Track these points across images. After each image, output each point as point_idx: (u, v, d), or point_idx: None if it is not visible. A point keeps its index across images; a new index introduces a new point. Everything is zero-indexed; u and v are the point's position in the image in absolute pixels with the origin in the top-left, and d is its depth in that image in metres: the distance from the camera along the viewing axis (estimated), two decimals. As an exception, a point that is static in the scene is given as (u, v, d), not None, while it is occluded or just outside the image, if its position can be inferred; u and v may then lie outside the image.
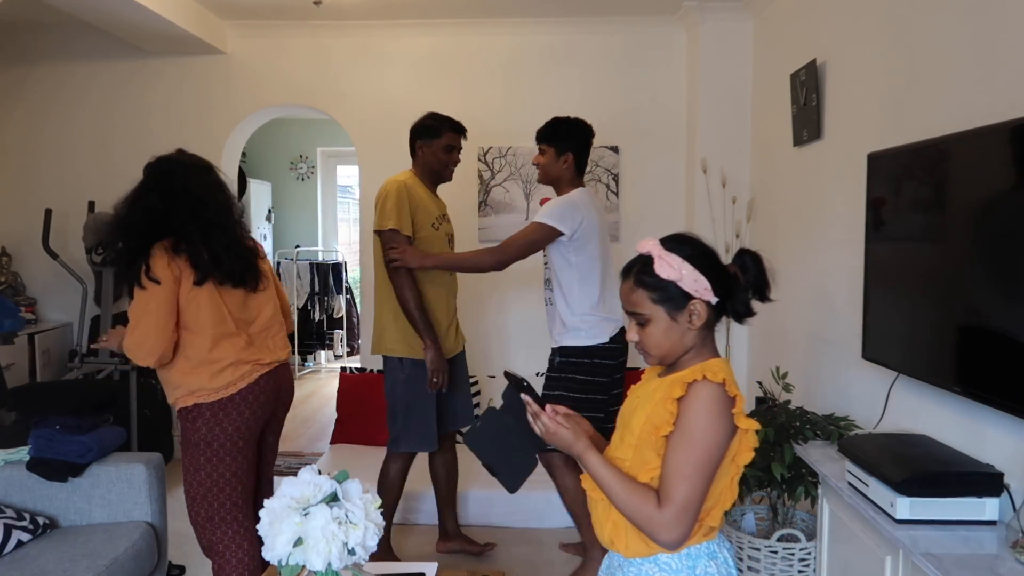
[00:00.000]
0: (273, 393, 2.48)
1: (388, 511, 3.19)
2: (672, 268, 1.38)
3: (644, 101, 4.51)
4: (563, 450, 1.44)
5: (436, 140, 3.07)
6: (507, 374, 1.55)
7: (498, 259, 2.97)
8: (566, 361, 2.98)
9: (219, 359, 2.35)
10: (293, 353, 3.29)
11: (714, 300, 1.41)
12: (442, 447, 3.22)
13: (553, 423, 1.43)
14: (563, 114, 3.05)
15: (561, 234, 2.88)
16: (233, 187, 2.68)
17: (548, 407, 1.47)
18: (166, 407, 4.63)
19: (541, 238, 2.92)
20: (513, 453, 1.56)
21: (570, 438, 1.43)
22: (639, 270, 1.43)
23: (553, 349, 3.06)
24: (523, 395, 1.47)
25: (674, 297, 1.40)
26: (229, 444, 2.37)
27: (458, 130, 3.11)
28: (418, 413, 3.03)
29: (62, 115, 4.67)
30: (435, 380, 2.95)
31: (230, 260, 2.38)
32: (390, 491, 3.14)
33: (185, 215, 2.34)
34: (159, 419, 4.50)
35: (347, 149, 7.45)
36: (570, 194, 2.99)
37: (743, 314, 1.46)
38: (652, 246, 1.42)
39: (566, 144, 3.00)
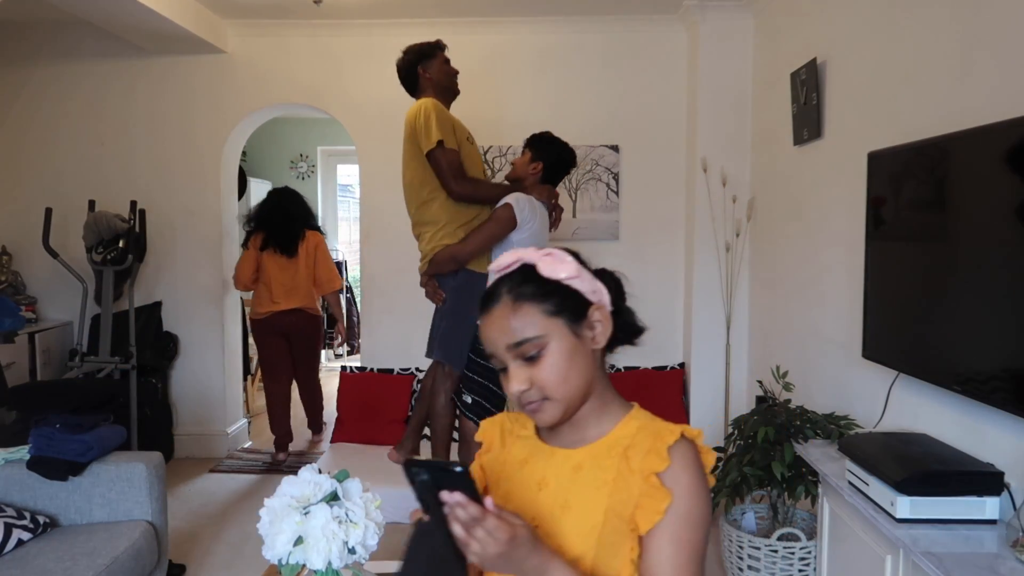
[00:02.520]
0: (284, 323, 4.62)
1: (445, 437, 3.21)
2: (566, 263, 1.07)
3: (644, 100, 4.51)
4: (513, 572, 0.94)
5: (435, 59, 3.18)
6: (410, 464, 0.95)
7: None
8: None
9: (257, 300, 4.66)
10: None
11: (610, 306, 1.09)
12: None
13: (505, 528, 0.90)
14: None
15: (515, 223, 3.04)
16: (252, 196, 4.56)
17: (489, 503, 0.93)
18: (166, 406, 4.64)
19: (507, 217, 3.05)
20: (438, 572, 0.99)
21: (527, 548, 0.93)
22: (515, 284, 1.06)
23: None
24: (443, 493, 0.92)
25: (572, 301, 1.06)
26: (260, 342, 4.76)
27: (443, 46, 3.26)
28: (461, 327, 3.08)
29: (62, 114, 4.67)
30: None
31: (282, 241, 4.59)
32: (445, 415, 3.19)
33: (267, 221, 4.66)
34: (159, 418, 4.50)
35: (347, 148, 7.43)
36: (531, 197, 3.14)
37: (634, 329, 1.14)
38: (524, 252, 1.10)
39: (541, 153, 3.22)
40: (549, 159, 3.24)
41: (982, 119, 1.91)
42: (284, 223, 4.63)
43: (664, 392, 4.27)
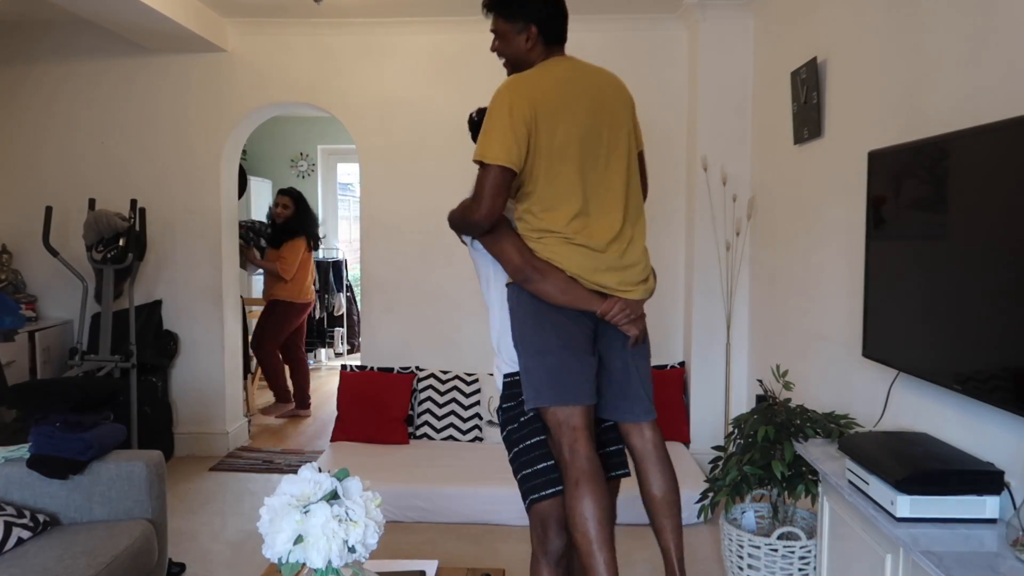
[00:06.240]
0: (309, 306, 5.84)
1: None
2: None
3: (644, 99, 4.46)
4: None
5: None
6: None
7: None
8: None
9: (303, 288, 5.67)
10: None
11: None
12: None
13: None
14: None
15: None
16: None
17: None
18: (166, 404, 4.64)
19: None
20: None
21: None
22: None
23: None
24: None
25: None
26: (291, 321, 5.69)
27: None
28: None
29: (63, 113, 4.67)
30: None
31: (317, 241, 5.79)
32: None
33: (313, 224, 5.75)
34: (159, 417, 4.50)
35: (347, 147, 7.44)
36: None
37: None
38: None
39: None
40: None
41: (983, 117, 1.91)
42: (316, 225, 5.82)
43: (664, 391, 4.27)
